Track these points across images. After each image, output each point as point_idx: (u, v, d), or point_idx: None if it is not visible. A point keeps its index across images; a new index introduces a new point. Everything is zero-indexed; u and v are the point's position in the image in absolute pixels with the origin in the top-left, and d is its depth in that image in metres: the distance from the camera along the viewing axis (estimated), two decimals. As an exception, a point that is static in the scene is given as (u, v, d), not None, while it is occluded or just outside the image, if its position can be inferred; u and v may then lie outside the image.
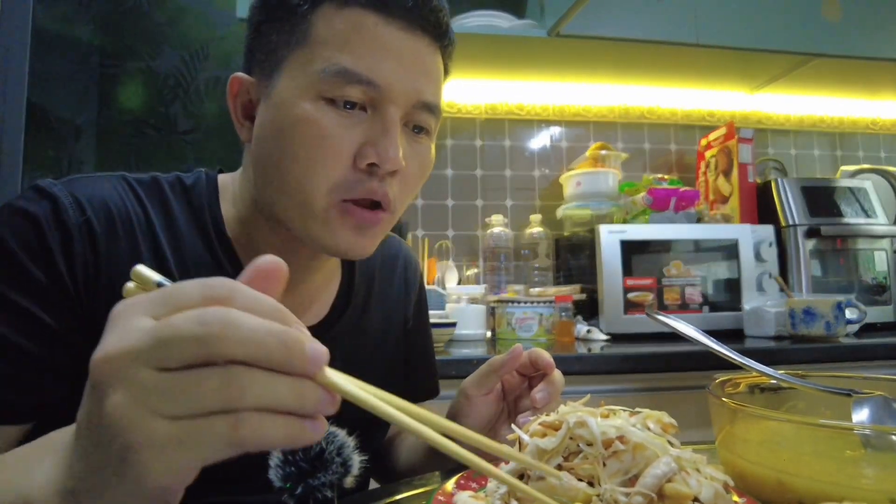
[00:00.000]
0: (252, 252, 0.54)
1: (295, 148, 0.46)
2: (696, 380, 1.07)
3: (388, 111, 0.47)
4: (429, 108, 0.49)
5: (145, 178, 0.54)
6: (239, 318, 0.23)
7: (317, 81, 0.45)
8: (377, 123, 0.47)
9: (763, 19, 1.50)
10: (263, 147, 0.49)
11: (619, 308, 1.35)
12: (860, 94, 1.94)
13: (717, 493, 0.30)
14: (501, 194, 1.78)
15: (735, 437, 0.39)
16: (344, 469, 0.30)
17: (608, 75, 1.75)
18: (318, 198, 0.47)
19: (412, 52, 0.47)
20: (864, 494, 0.32)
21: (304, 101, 0.46)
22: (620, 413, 0.35)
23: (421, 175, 0.52)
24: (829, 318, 1.22)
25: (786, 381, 0.46)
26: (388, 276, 0.68)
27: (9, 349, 0.43)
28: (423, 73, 0.48)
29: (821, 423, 0.34)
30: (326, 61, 0.45)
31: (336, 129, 0.46)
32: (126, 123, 1.56)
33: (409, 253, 0.73)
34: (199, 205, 0.54)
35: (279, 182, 0.48)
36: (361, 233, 0.49)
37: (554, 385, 0.51)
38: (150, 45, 1.59)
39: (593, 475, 0.31)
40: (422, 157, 0.51)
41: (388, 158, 0.46)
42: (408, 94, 0.47)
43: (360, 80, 0.45)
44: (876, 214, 1.55)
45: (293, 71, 0.47)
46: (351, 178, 0.47)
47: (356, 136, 0.46)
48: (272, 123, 0.48)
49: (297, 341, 0.23)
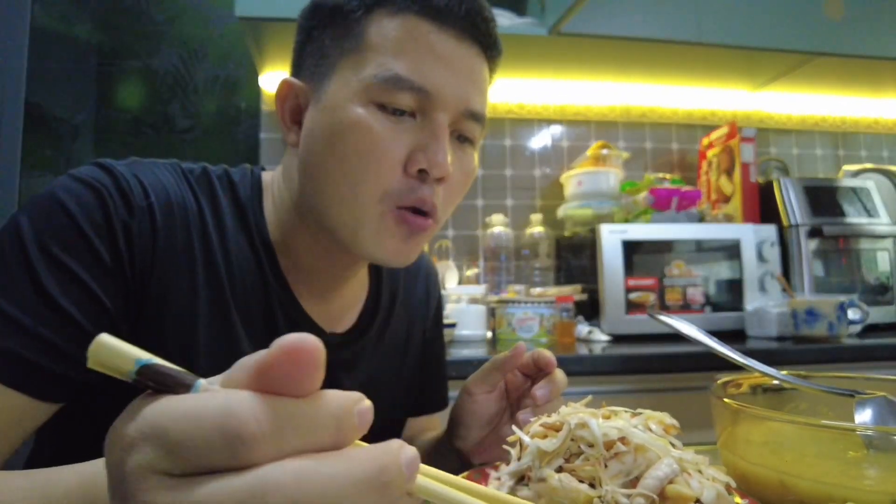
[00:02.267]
0: (291, 258, 0.54)
1: (347, 152, 0.46)
2: (697, 380, 1.07)
3: (437, 118, 0.47)
4: (475, 117, 0.49)
5: (197, 169, 0.53)
6: (307, 471, 0.16)
7: (369, 86, 0.46)
8: (427, 129, 0.47)
9: (765, 18, 1.50)
10: (312, 152, 0.49)
11: (621, 308, 1.35)
12: (863, 92, 1.94)
13: (719, 494, 0.30)
14: (502, 194, 1.77)
15: (737, 439, 0.38)
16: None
17: (609, 74, 1.75)
18: (372, 205, 0.47)
19: (462, 61, 0.48)
20: (866, 496, 0.31)
21: (355, 106, 0.46)
22: (622, 414, 0.35)
23: (464, 184, 0.52)
24: (832, 318, 1.22)
25: (788, 381, 0.45)
26: (411, 286, 0.69)
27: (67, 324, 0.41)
28: (472, 81, 0.49)
29: (823, 424, 0.34)
30: (379, 67, 0.46)
31: (387, 133, 0.46)
32: (124, 122, 1.56)
33: (431, 262, 0.74)
34: (245, 203, 0.53)
35: (331, 189, 0.48)
36: (410, 240, 0.49)
37: (555, 383, 0.51)
38: (149, 44, 1.59)
39: (594, 476, 0.31)
40: (466, 166, 0.51)
41: (438, 163, 0.46)
42: (457, 101, 0.47)
43: (412, 87, 0.46)
44: (878, 214, 1.55)
45: (345, 75, 0.47)
46: (403, 185, 0.47)
47: (406, 142, 0.47)
48: (322, 128, 0.48)
49: (392, 464, 0.18)
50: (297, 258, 0.54)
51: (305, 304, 0.54)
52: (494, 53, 0.52)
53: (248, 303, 0.51)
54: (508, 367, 0.53)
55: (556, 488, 0.31)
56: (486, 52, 0.50)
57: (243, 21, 1.30)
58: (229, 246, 0.51)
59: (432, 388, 0.72)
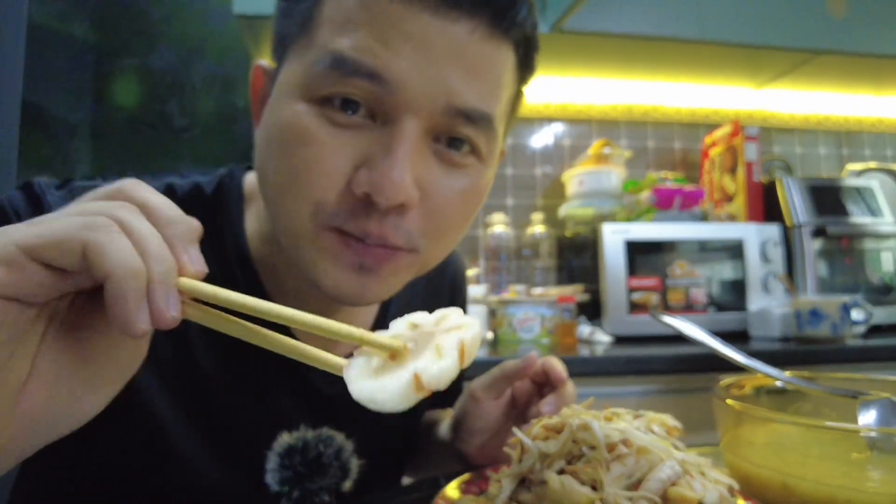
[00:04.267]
0: (275, 278, 0.46)
1: (276, 159, 0.37)
2: (700, 382, 1.07)
3: (399, 120, 0.35)
4: (467, 116, 0.36)
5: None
6: None
7: (309, 75, 0.36)
8: (383, 138, 0.35)
9: (768, 15, 1.50)
10: (257, 154, 0.41)
11: (623, 309, 1.34)
12: (866, 91, 1.93)
13: (722, 496, 0.30)
14: (503, 193, 1.77)
15: (740, 440, 0.38)
16: (342, 473, 0.30)
17: (611, 71, 1.74)
18: (302, 219, 0.37)
19: (445, 40, 0.35)
20: (870, 497, 0.31)
21: (294, 102, 0.36)
22: (624, 416, 0.35)
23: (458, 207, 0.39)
24: (836, 319, 1.21)
25: (791, 383, 0.45)
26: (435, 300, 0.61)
27: None
28: (460, 66, 0.35)
29: (827, 426, 0.34)
30: (321, 48, 0.35)
31: (326, 139, 0.35)
32: (122, 121, 1.57)
33: (461, 262, 0.65)
34: (220, 220, 0.46)
35: (269, 197, 0.40)
36: (364, 274, 0.37)
37: (564, 398, 0.49)
38: (146, 42, 1.59)
39: (596, 479, 0.31)
40: (459, 183, 0.38)
41: (383, 187, 0.34)
42: (432, 96, 0.35)
43: (357, 72, 0.34)
44: (882, 214, 1.54)
45: (291, 62, 0.38)
46: (341, 204, 0.36)
47: (351, 153, 0.35)
48: (265, 126, 0.40)
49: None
50: (279, 279, 0.46)
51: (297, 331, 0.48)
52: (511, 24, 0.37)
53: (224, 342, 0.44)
54: (518, 377, 0.52)
55: (557, 491, 0.30)
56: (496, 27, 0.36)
57: (241, 19, 1.30)
58: None
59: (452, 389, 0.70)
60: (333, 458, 0.31)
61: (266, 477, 0.31)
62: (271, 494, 0.31)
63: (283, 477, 0.31)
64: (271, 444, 0.33)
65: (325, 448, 0.31)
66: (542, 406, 0.49)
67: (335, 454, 0.31)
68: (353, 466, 0.31)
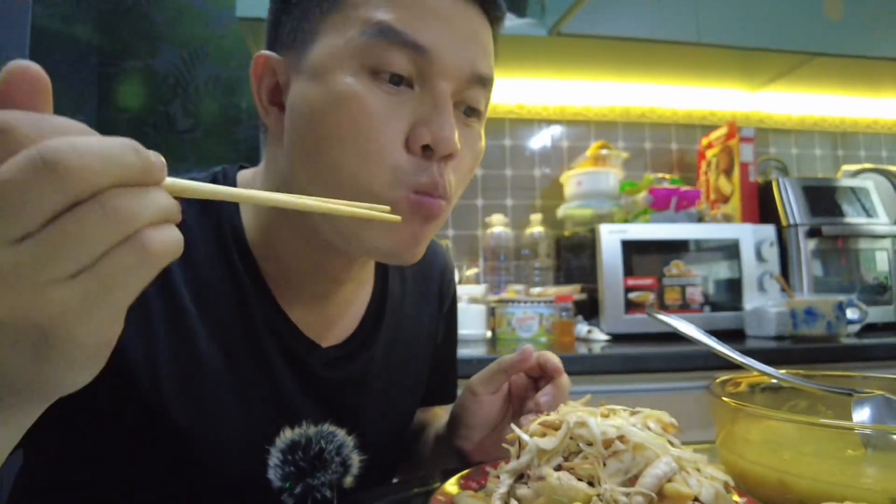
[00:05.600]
0: (275, 261, 0.48)
1: (342, 132, 0.40)
2: (696, 379, 1.07)
3: (438, 86, 0.41)
4: (483, 82, 0.44)
5: None
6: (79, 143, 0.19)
7: (357, 48, 0.40)
8: (428, 100, 0.41)
9: (765, 18, 1.50)
10: (300, 134, 0.42)
11: (620, 308, 1.35)
12: (862, 93, 1.94)
13: (718, 493, 0.30)
14: (502, 194, 1.77)
15: (736, 437, 0.39)
16: (343, 469, 0.30)
17: (609, 74, 1.75)
18: (384, 192, 0.40)
19: (462, 19, 0.42)
20: (865, 494, 0.32)
21: (344, 75, 0.40)
22: (620, 413, 0.35)
23: (473, 164, 0.46)
24: (831, 318, 1.22)
25: (787, 380, 0.45)
26: (425, 287, 0.63)
27: None
28: (476, 41, 0.43)
29: (822, 423, 0.34)
30: (366, 22, 0.39)
31: (383, 106, 0.40)
32: (125, 122, 1.57)
33: (447, 259, 0.68)
34: (216, 212, 0.47)
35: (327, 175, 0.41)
36: (425, 228, 0.42)
37: (560, 390, 0.50)
38: (149, 45, 1.59)
39: (593, 475, 0.31)
40: (474, 144, 0.45)
41: (444, 138, 0.40)
42: (460, 65, 0.41)
43: (405, 42, 0.39)
44: (877, 214, 1.55)
45: (329, 39, 0.41)
46: (411, 164, 0.40)
47: (406, 116, 0.40)
48: (309, 104, 0.41)
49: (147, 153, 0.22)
50: (282, 262, 0.48)
51: (293, 313, 0.48)
52: (497, 14, 0.46)
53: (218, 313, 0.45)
54: (515, 371, 0.52)
55: (555, 486, 0.31)
56: (488, 14, 0.45)
57: (244, 21, 1.31)
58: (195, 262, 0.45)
59: (442, 383, 0.70)
60: (335, 453, 0.31)
61: (268, 472, 0.31)
62: (273, 490, 0.31)
63: (286, 472, 0.31)
64: (273, 439, 0.34)
65: (327, 444, 0.31)
66: (539, 397, 0.49)
67: (337, 449, 0.32)
68: (355, 462, 0.31)
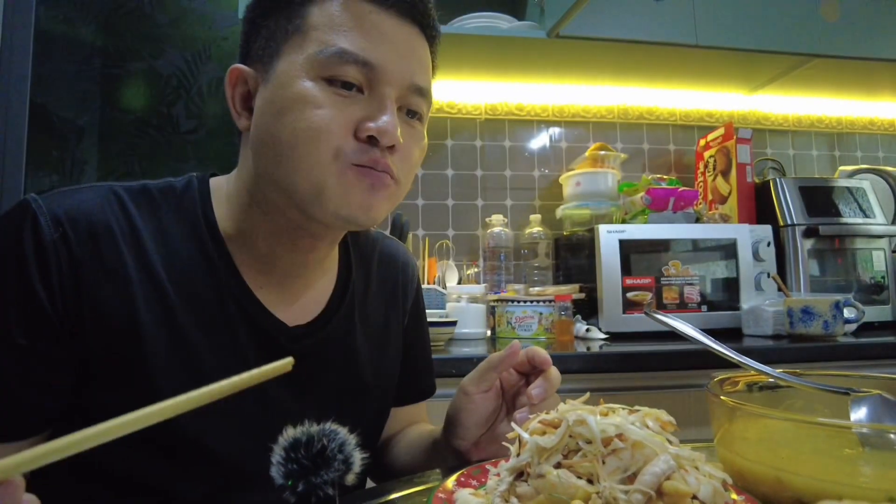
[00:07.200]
0: (247, 248, 0.54)
1: (296, 122, 0.47)
2: (694, 378, 1.08)
3: (383, 91, 0.49)
4: (421, 92, 0.51)
5: (134, 187, 0.53)
6: None
7: (315, 62, 0.47)
8: (374, 102, 0.49)
9: (762, 20, 1.51)
10: (265, 128, 0.50)
11: (618, 307, 1.35)
12: (858, 94, 1.95)
13: (716, 490, 0.31)
14: (501, 194, 1.78)
15: (734, 436, 0.39)
16: (345, 466, 0.31)
17: (607, 76, 1.76)
18: (328, 163, 0.47)
19: (404, 39, 0.50)
20: (862, 492, 0.32)
21: (303, 80, 0.48)
22: (619, 411, 0.35)
23: (419, 157, 0.54)
24: (828, 317, 1.23)
25: (784, 379, 0.46)
26: (387, 275, 0.68)
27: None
28: (415, 58, 0.51)
29: (819, 422, 0.34)
30: (324, 43, 0.48)
31: (335, 104, 0.47)
32: (128, 124, 1.57)
33: (409, 255, 0.74)
34: (191, 206, 0.53)
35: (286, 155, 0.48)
36: (375, 193, 0.49)
37: (550, 381, 0.51)
38: (153, 46, 1.59)
39: (592, 473, 0.31)
40: (419, 140, 0.53)
41: (386, 132, 0.47)
42: (402, 76, 0.49)
43: (356, 60, 0.47)
44: (874, 214, 1.56)
45: (291, 56, 0.49)
46: (354, 146, 0.48)
47: (354, 113, 0.48)
48: (272, 104, 0.49)
49: None
50: (253, 248, 0.54)
51: (264, 297, 0.54)
52: (433, 33, 0.54)
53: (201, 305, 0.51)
54: (504, 367, 0.54)
55: (554, 484, 0.31)
56: (425, 32, 0.53)
57: (243, 21, 1.30)
58: (173, 251, 0.51)
59: (416, 377, 0.72)
60: (337, 451, 0.32)
61: (271, 470, 0.31)
62: (276, 488, 0.31)
63: (288, 470, 0.31)
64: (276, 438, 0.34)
65: (330, 442, 0.32)
66: (531, 390, 0.50)
67: (339, 447, 0.32)
68: (357, 460, 0.32)
